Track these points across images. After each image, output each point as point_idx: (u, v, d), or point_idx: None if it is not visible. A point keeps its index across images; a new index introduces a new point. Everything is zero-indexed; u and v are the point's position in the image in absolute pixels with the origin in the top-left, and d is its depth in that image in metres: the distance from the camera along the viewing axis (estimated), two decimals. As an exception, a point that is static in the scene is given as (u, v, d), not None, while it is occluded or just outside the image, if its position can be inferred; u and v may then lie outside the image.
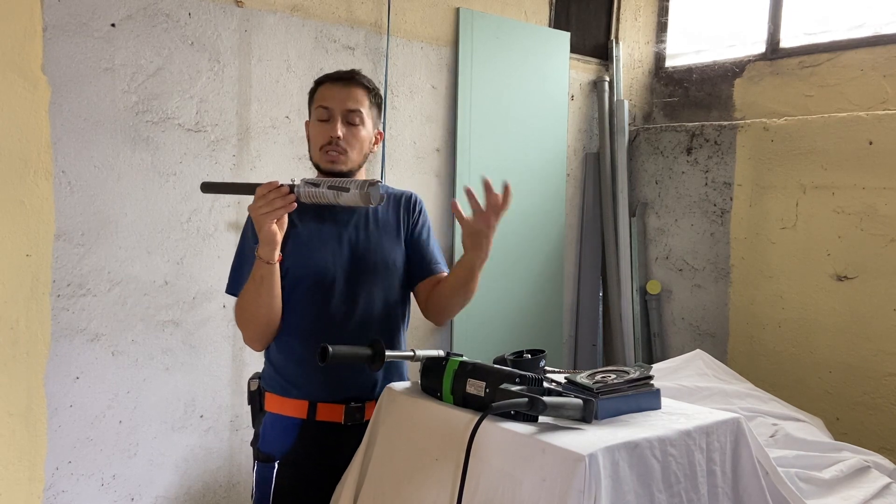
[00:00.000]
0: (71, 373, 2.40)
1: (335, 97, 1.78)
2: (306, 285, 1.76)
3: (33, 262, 2.29)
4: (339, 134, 1.76)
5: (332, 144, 1.76)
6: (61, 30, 2.31)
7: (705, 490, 1.46)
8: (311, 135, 1.83)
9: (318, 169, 1.83)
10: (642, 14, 4.11)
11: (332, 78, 1.82)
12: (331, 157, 1.77)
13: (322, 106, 1.79)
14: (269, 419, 1.79)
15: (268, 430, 1.78)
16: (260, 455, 1.78)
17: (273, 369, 1.81)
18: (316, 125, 1.80)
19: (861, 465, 2.24)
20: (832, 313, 3.24)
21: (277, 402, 1.78)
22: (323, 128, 1.78)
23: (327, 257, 1.77)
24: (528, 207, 3.59)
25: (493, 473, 1.38)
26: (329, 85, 1.81)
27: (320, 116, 1.79)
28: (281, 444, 1.76)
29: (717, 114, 3.84)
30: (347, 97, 1.78)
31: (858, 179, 3.16)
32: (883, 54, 3.24)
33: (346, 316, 1.77)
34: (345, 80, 1.81)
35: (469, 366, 1.55)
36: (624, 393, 1.52)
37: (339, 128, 1.76)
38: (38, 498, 2.34)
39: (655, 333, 3.89)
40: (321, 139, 1.78)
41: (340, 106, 1.77)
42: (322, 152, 1.78)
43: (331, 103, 1.78)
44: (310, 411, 1.75)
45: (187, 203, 2.60)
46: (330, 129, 1.77)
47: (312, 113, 1.84)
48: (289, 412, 1.76)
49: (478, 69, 3.37)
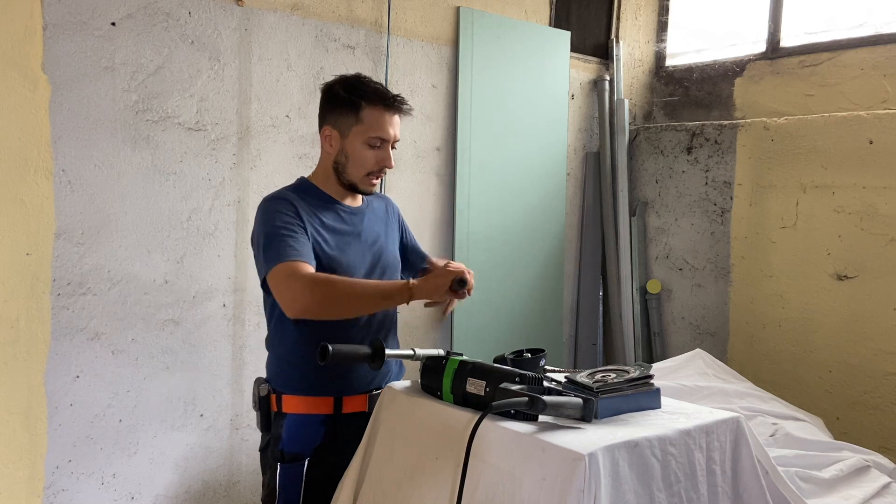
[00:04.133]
0: (71, 371, 2.40)
1: (392, 125, 1.82)
2: None
3: (33, 260, 2.29)
4: (392, 164, 1.84)
5: (381, 171, 1.84)
6: (61, 28, 2.31)
7: (705, 489, 1.46)
8: (357, 156, 1.82)
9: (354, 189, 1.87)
10: (643, 13, 4.11)
11: (388, 104, 1.82)
12: (375, 181, 1.86)
13: (381, 137, 1.81)
14: (293, 420, 1.80)
15: (293, 431, 1.79)
16: (285, 456, 1.78)
17: (294, 371, 1.81)
18: (365, 150, 1.81)
19: (861, 465, 2.24)
20: (832, 313, 3.24)
21: (301, 402, 1.80)
22: (375, 154, 1.82)
23: (356, 259, 1.83)
24: (528, 206, 3.59)
25: (493, 472, 1.38)
26: (384, 111, 1.81)
27: (374, 144, 1.81)
28: (310, 441, 1.79)
29: (717, 113, 3.83)
30: (397, 126, 1.85)
31: (859, 179, 3.16)
32: (883, 54, 3.24)
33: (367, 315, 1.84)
34: (398, 108, 1.83)
35: (469, 365, 1.55)
36: (624, 392, 1.52)
37: (391, 157, 1.84)
38: (38, 496, 2.34)
39: (655, 333, 3.89)
40: (372, 165, 1.82)
41: (392, 134, 1.83)
42: (368, 177, 1.84)
43: (388, 132, 1.81)
44: (336, 406, 1.80)
45: (187, 202, 2.60)
46: (383, 157, 1.82)
47: (360, 133, 1.81)
48: (314, 410, 1.80)
49: (478, 68, 3.36)
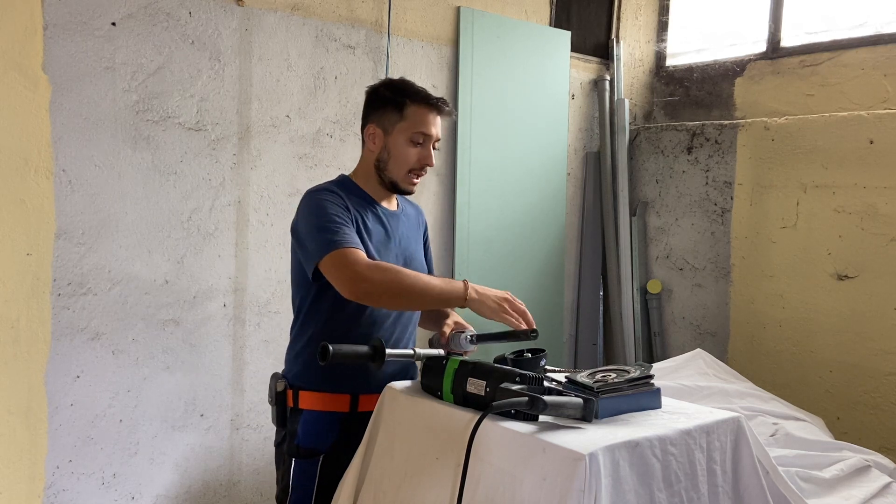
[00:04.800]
0: (71, 371, 2.40)
1: (435, 125, 1.86)
2: None
3: (34, 260, 2.29)
4: (433, 163, 1.87)
5: (422, 170, 1.87)
6: (62, 28, 2.31)
7: (705, 489, 1.46)
8: (400, 153, 1.86)
9: (394, 188, 1.90)
10: (643, 13, 4.11)
11: (436, 106, 1.86)
12: (416, 180, 1.89)
13: (423, 133, 1.84)
14: (310, 416, 1.82)
15: (309, 427, 1.82)
16: (300, 451, 1.81)
17: (313, 368, 1.83)
18: (409, 147, 1.85)
19: (861, 465, 2.24)
20: (833, 313, 3.24)
21: (318, 398, 1.83)
22: (418, 153, 1.85)
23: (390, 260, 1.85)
24: (528, 206, 3.59)
25: (494, 472, 1.38)
26: (429, 110, 1.85)
27: (416, 141, 1.85)
28: (325, 438, 1.81)
29: (717, 113, 3.83)
30: (440, 127, 1.88)
31: (859, 179, 3.16)
32: (884, 53, 3.24)
33: (387, 317, 1.86)
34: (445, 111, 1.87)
35: (469, 365, 1.55)
36: (624, 392, 1.52)
37: (433, 156, 1.87)
38: (38, 496, 2.34)
39: (656, 333, 3.89)
40: (414, 163, 1.86)
41: (435, 134, 1.87)
42: (410, 175, 1.87)
43: (428, 130, 1.85)
44: (352, 403, 1.82)
45: (188, 202, 2.60)
46: (426, 155, 1.86)
47: (403, 130, 1.85)
48: (330, 407, 1.82)
49: (478, 68, 3.36)
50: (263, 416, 2.80)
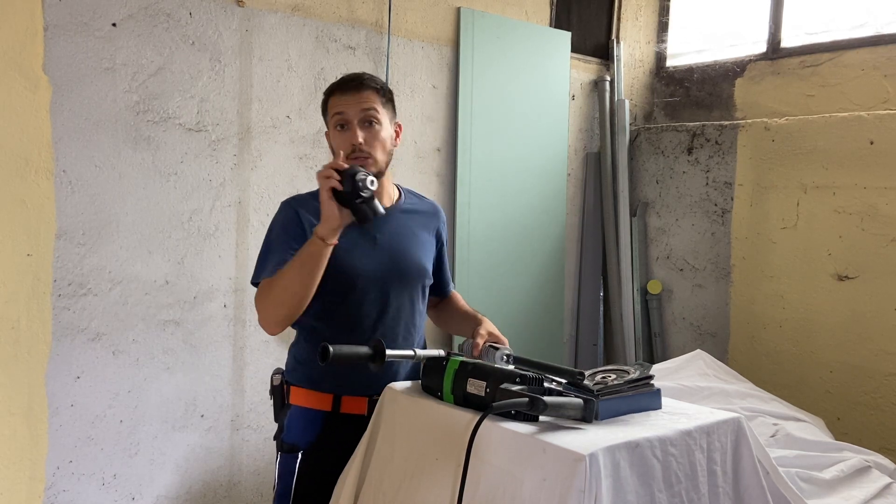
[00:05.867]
0: (72, 372, 2.40)
1: (348, 104, 1.81)
2: (342, 285, 1.80)
3: (34, 261, 2.29)
4: (360, 140, 1.79)
5: (355, 152, 1.81)
6: (62, 29, 2.31)
7: (706, 490, 1.46)
8: (334, 144, 1.86)
9: None
10: (643, 14, 4.11)
11: (341, 86, 1.84)
12: (359, 164, 1.81)
13: (337, 113, 1.82)
14: (295, 412, 1.84)
15: (293, 422, 1.83)
16: (284, 446, 1.83)
17: (301, 364, 1.86)
18: (336, 135, 1.83)
19: (862, 465, 2.24)
20: (833, 313, 3.24)
21: (303, 394, 1.83)
22: (343, 137, 1.81)
23: (364, 261, 1.83)
24: (528, 207, 3.59)
25: (494, 473, 1.38)
26: (339, 94, 1.84)
27: (337, 123, 1.83)
28: (306, 434, 1.82)
29: (718, 113, 3.83)
30: (359, 102, 1.81)
31: (859, 179, 3.16)
32: (884, 54, 3.24)
33: (377, 317, 1.84)
34: (353, 86, 1.83)
35: (469, 365, 1.55)
36: (624, 393, 1.52)
37: (359, 134, 1.80)
38: (38, 497, 2.34)
39: (656, 333, 3.89)
40: (344, 148, 1.81)
41: (355, 112, 1.81)
42: (349, 161, 1.82)
43: (344, 109, 1.81)
44: (334, 403, 1.82)
45: (188, 203, 2.60)
46: (350, 136, 1.80)
47: (329, 123, 1.86)
48: (314, 404, 1.82)
49: (479, 69, 3.36)
50: (264, 417, 2.80)
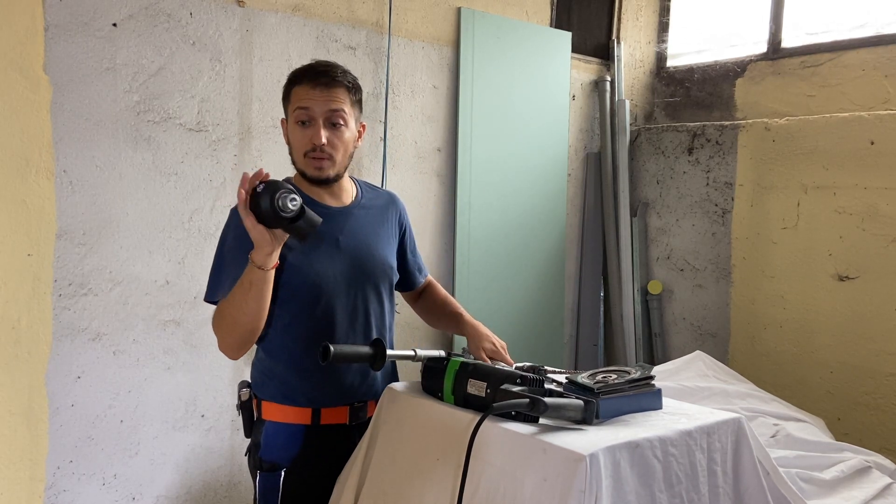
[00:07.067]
0: (72, 372, 2.40)
1: (315, 100, 1.66)
2: (308, 294, 1.70)
3: (35, 261, 2.29)
4: (323, 141, 1.65)
5: (316, 151, 1.67)
6: (63, 29, 2.31)
7: (706, 490, 1.46)
8: (292, 139, 1.71)
9: (304, 175, 1.74)
10: (644, 14, 4.11)
11: (310, 78, 1.68)
12: (316, 164, 1.69)
13: (301, 107, 1.67)
14: (271, 428, 1.73)
15: (270, 439, 1.72)
16: (263, 465, 1.71)
17: (270, 378, 1.75)
18: (296, 129, 1.68)
19: (862, 466, 2.24)
20: (833, 313, 3.24)
21: (278, 410, 1.72)
22: (304, 133, 1.67)
23: (327, 265, 1.72)
24: (529, 207, 3.59)
25: (494, 473, 1.38)
26: (307, 86, 1.68)
27: (300, 118, 1.67)
28: (286, 451, 1.71)
29: (718, 114, 3.83)
30: (329, 99, 1.67)
31: (860, 179, 3.16)
32: (885, 54, 3.24)
33: (349, 322, 1.74)
34: (324, 82, 1.67)
35: (470, 366, 1.55)
36: (625, 393, 1.52)
37: (323, 134, 1.66)
38: (39, 497, 2.35)
39: (656, 333, 3.89)
40: (304, 145, 1.67)
41: (322, 109, 1.66)
42: (307, 159, 1.69)
43: (311, 104, 1.66)
44: (314, 417, 1.72)
45: (189, 203, 2.60)
46: (313, 134, 1.66)
47: (290, 114, 1.70)
48: (292, 419, 1.72)
49: (479, 69, 3.36)
50: (264, 417, 2.81)
